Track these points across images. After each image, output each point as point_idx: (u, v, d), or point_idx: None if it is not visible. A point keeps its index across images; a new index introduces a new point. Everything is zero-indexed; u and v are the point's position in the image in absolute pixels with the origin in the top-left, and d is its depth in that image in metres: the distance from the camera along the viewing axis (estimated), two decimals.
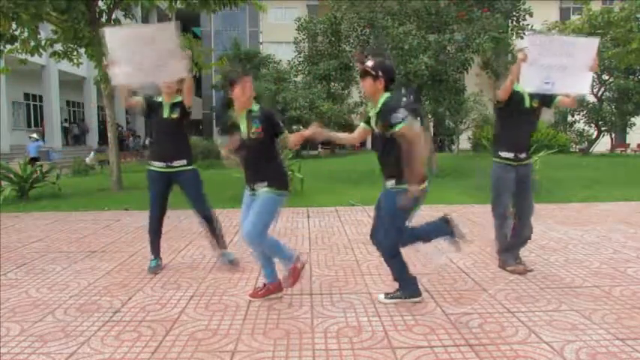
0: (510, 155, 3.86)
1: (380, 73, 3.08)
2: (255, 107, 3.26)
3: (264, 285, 3.45)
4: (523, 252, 4.63)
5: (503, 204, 3.93)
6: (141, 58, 3.51)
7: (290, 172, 9.12)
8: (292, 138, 3.30)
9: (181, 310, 3.25)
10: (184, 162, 4.00)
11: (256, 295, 3.42)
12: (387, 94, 3.12)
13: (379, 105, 3.11)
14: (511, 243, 4.01)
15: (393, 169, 3.10)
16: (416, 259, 4.40)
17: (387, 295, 3.35)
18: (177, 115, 3.92)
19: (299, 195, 8.75)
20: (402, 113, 2.95)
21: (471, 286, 3.67)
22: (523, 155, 3.89)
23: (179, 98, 3.93)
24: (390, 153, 3.08)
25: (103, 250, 4.94)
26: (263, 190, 3.23)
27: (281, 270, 3.42)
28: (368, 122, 3.27)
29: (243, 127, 3.22)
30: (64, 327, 2.98)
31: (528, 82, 3.55)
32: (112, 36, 3.56)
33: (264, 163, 3.24)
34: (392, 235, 3.20)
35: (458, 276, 3.91)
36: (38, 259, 4.62)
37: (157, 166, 4.00)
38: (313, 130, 3.29)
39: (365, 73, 3.14)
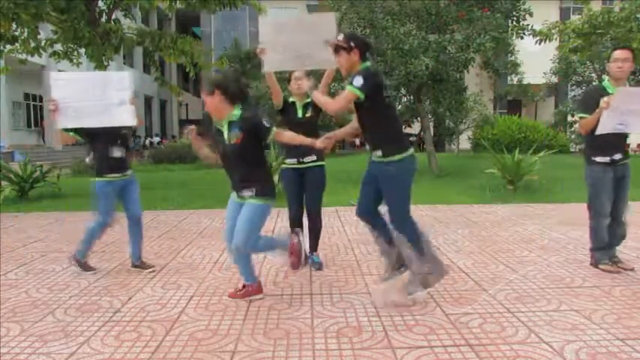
0: (606, 159, 3.86)
1: (352, 44, 3.06)
2: (237, 114, 3.15)
3: (244, 286, 3.42)
4: (522, 252, 4.64)
5: (603, 203, 3.94)
6: (294, 45, 3.51)
7: None
8: (288, 136, 3.30)
9: (181, 310, 3.25)
10: (314, 157, 4.02)
11: (235, 296, 3.41)
12: (365, 64, 3.08)
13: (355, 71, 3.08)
14: (607, 243, 4.03)
15: (373, 138, 3.14)
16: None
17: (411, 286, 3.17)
18: (310, 113, 4.04)
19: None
20: (359, 82, 2.94)
21: (471, 286, 3.67)
22: (619, 156, 3.88)
23: (309, 99, 3.99)
24: (366, 122, 3.12)
25: (102, 250, 4.93)
26: (250, 200, 3.16)
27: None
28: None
29: (225, 134, 3.16)
30: (64, 327, 2.98)
31: (604, 125, 3.63)
32: (265, 23, 3.61)
33: (249, 169, 3.17)
34: (401, 208, 3.13)
35: (458, 276, 3.91)
36: (38, 259, 4.62)
37: (290, 163, 4.06)
38: (323, 143, 3.29)
39: (337, 49, 3.10)
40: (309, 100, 4.00)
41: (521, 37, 11.87)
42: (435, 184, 10.41)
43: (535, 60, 22.48)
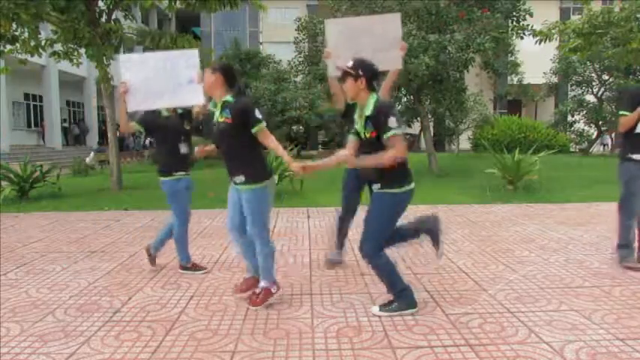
0: None
1: (360, 72, 3.00)
2: (230, 98, 3.20)
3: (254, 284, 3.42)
4: (522, 252, 4.64)
5: (637, 201, 3.97)
6: (360, 47, 3.48)
7: (290, 173, 9.14)
8: (274, 143, 3.23)
9: (181, 310, 3.25)
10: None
11: (256, 303, 3.28)
12: (374, 96, 3.04)
13: (370, 108, 2.99)
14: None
15: (377, 171, 3.03)
16: (416, 259, 4.41)
17: (382, 307, 3.15)
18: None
19: (299, 195, 8.76)
20: (396, 121, 2.91)
21: (471, 286, 3.67)
22: None
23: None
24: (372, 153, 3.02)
25: (102, 250, 4.94)
26: (243, 186, 3.20)
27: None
28: (357, 133, 3.14)
29: (217, 114, 3.23)
30: (64, 327, 2.98)
31: None
32: (331, 26, 3.59)
33: (239, 156, 3.21)
34: (377, 238, 3.08)
35: (458, 276, 3.91)
36: (38, 259, 4.62)
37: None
38: (299, 169, 3.09)
39: (345, 75, 3.07)
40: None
41: (521, 37, 11.88)
42: (435, 184, 10.41)
43: (535, 60, 22.51)
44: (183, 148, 3.94)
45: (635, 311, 3.11)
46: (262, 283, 3.30)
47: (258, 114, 3.16)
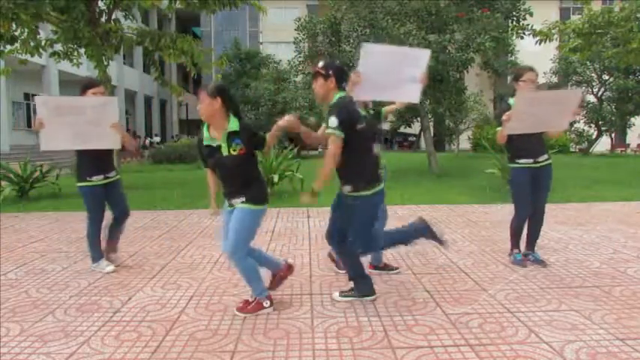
0: None
1: (330, 72, 3.09)
2: (235, 125, 3.03)
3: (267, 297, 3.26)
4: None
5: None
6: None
7: (290, 173, 9.16)
8: (269, 136, 3.14)
9: (181, 310, 3.25)
10: (546, 157, 4.07)
11: (246, 310, 3.19)
12: (339, 94, 3.10)
13: (331, 105, 3.09)
14: None
15: (345, 173, 3.11)
16: (416, 258, 4.41)
17: (342, 293, 3.38)
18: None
19: (299, 195, 8.75)
20: (334, 121, 2.94)
21: (471, 286, 3.67)
22: None
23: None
24: (342, 156, 3.04)
25: (102, 250, 4.93)
26: (240, 205, 3.07)
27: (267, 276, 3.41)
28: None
29: (224, 147, 3.02)
30: (64, 327, 2.98)
31: None
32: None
33: (243, 179, 3.08)
34: (360, 242, 3.19)
35: (458, 276, 3.91)
36: (38, 259, 4.62)
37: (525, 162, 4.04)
38: (288, 120, 3.08)
39: (316, 74, 3.14)
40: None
41: (521, 37, 11.88)
42: (435, 184, 10.41)
43: (535, 60, 22.48)
44: (376, 149, 3.77)
45: (635, 311, 3.11)
46: (256, 295, 3.20)
47: (257, 132, 3.16)
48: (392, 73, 3.46)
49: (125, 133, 4.14)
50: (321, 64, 3.16)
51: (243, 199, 3.07)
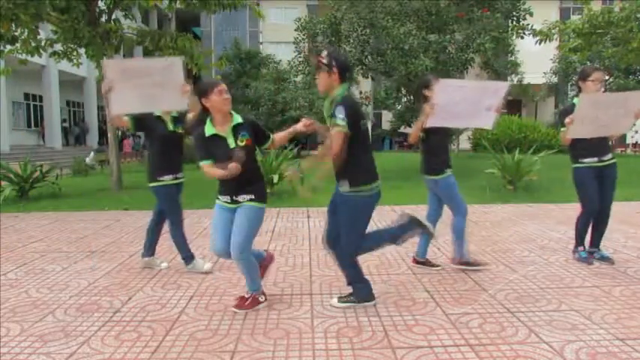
0: None
1: (333, 63, 3.04)
2: (239, 118, 3.09)
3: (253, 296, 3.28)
4: (522, 252, 4.64)
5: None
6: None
7: (290, 173, 9.14)
8: (280, 137, 3.25)
9: (181, 310, 3.25)
10: (610, 156, 4.11)
11: (243, 307, 3.23)
12: (343, 87, 3.07)
13: (332, 97, 3.05)
14: None
15: (343, 170, 3.04)
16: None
17: (341, 299, 3.28)
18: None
19: (299, 195, 8.74)
20: (342, 114, 2.92)
21: (471, 286, 3.67)
22: None
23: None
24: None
25: (103, 250, 4.94)
26: (248, 203, 3.07)
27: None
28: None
29: (231, 140, 3.03)
30: (64, 327, 2.98)
31: None
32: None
33: (249, 174, 3.06)
34: (353, 242, 3.15)
35: (458, 276, 3.91)
36: (38, 259, 4.62)
37: (590, 162, 4.06)
38: (305, 125, 3.13)
39: (319, 66, 3.09)
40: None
41: (522, 37, 11.88)
42: None
43: (535, 60, 22.50)
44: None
45: (635, 311, 3.10)
46: (252, 291, 3.24)
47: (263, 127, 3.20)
48: (468, 103, 3.71)
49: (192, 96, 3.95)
50: (324, 54, 3.10)
51: (253, 196, 3.08)
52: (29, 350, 2.67)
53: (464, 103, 3.70)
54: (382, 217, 6.04)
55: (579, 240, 4.26)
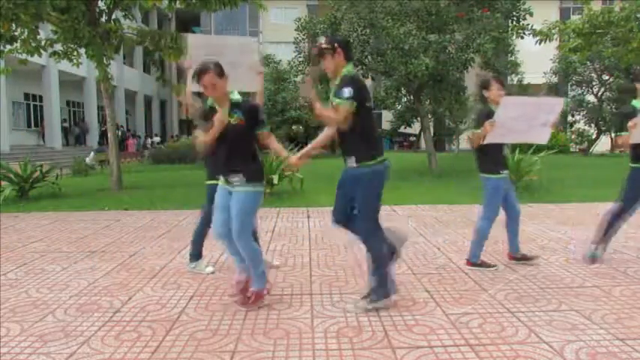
0: None
1: (336, 45, 3.07)
2: (238, 96, 3.17)
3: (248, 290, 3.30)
4: (522, 252, 4.63)
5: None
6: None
7: (290, 173, 9.15)
8: (273, 142, 3.29)
9: (181, 310, 3.25)
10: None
11: (247, 304, 3.25)
12: (348, 66, 3.10)
13: (339, 77, 3.07)
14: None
15: (351, 144, 3.08)
16: (416, 258, 4.41)
17: (369, 301, 3.16)
18: None
19: (299, 195, 8.76)
20: (348, 94, 2.94)
21: (471, 286, 3.67)
22: None
23: None
24: (348, 130, 3.05)
25: (103, 250, 4.94)
26: (239, 187, 3.11)
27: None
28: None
29: (225, 115, 3.11)
30: (64, 327, 2.98)
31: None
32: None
33: (240, 156, 3.12)
34: (370, 217, 3.16)
35: (458, 276, 3.91)
36: (38, 259, 4.62)
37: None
38: (297, 158, 3.28)
39: (322, 52, 3.10)
40: None
41: (522, 37, 11.88)
42: (435, 184, 10.41)
43: (535, 60, 22.50)
44: (505, 150, 4.24)
45: (635, 311, 3.10)
46: (254, 288, 3.26)
47: (263, 117, 3.21)
48: (525, 119, 3.79)
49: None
50: (324, 40, 3.13)
51: (242, 177, 3.11)
52: (29, 350, 2.67)
53: (522, 119, 3.78)
54: (382, 217, 6.03)
55: (608, 239, 4.32)
